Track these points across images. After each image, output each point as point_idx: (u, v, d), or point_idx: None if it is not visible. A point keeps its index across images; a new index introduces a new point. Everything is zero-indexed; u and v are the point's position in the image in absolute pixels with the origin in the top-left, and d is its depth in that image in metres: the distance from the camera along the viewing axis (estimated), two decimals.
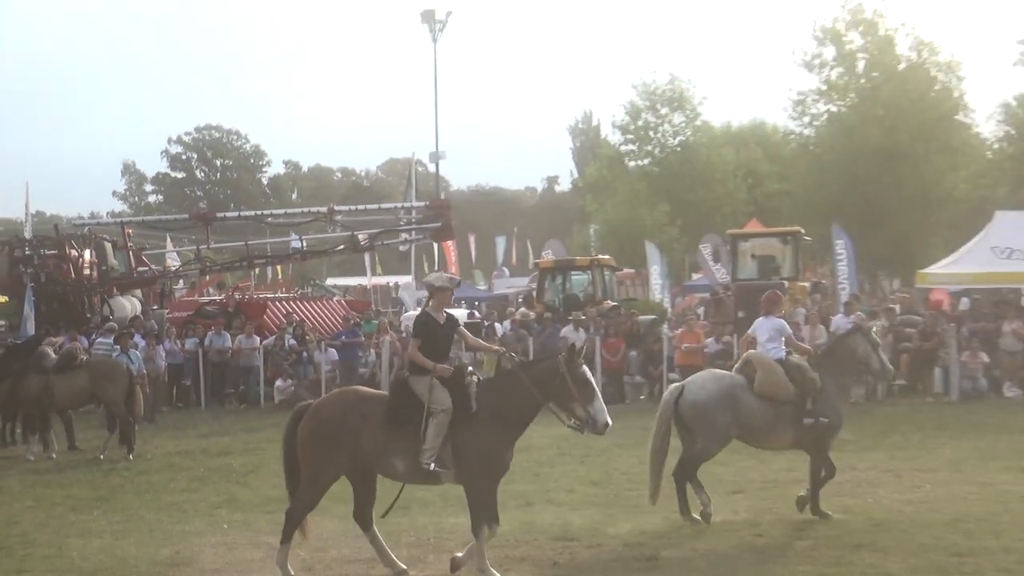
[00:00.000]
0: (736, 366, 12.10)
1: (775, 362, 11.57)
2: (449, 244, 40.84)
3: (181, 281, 34.31)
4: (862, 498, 11.92)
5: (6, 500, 14.02)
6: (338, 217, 30.43)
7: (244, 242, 30.85)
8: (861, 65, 43.44)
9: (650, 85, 50.62)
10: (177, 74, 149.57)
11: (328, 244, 31.66)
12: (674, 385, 12.08)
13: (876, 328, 13.74)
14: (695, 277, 44.90)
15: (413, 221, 31.89)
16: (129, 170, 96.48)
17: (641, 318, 24.99)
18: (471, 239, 59.99)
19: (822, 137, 44.59)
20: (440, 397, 9.18)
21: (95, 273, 28.40)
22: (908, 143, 40.77)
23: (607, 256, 32.15)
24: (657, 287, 34.37)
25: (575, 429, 9.33)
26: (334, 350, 24.77)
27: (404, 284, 46.09)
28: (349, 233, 30.21)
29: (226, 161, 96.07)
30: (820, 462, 11.43)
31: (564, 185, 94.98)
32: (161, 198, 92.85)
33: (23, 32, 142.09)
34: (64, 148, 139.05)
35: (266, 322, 26.60)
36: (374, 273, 49.27)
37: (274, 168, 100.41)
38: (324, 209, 30.70)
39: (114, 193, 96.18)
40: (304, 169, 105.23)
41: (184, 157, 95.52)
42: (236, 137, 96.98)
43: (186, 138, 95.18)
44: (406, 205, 34.60)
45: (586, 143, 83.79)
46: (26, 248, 28.45)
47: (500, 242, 63.29)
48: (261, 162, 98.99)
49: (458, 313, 18.06)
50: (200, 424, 21.66)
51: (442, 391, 9.20)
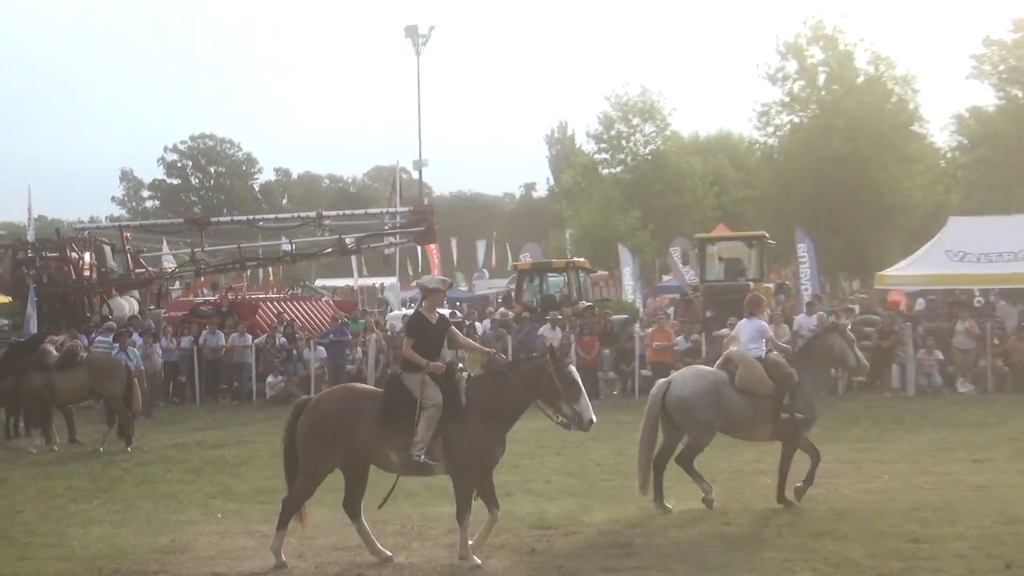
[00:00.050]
0: (718, 362, 12.11)
1: (755, 359, 11.60)
2: (432, 247, 40.78)
3: (177, 282, 34.22)
4: (824, 488, 11.92)
5: (9, 491, 13.94)
6: (326, 222, 30.52)
7: (237, 245, 30.68)
8: (822, 78, 43.47)
9: (622, 97, 50.88)
10: (173, 86, 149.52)
11: (317, 247, 31.57)
12: (661, 381, 12.05)
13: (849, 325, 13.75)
14: (665, 279, 44.94)
15: (398, 225, 31.95)
16: (127, 177, 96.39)
17: (614, 317, 25.00)
18: (453, 242, 60.14)
19: (785, 146, 44.61)
20: (431, 393, 9.18)
21: (95, 274, 28.23)
22: (867, 152, 40.83)
23: (582, 259, 32.08)
24: (629, 288, 34.35)
25: (562, 426, 9.34)
26: (323, 348, 24.65)
27: (389, 285, 46.04)
28: (337, 237, 30.21)
29: (219, 168, 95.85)
30: (792, 453, 11.48)
31: (541, 191, 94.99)
32: (158, 203, 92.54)
33: (23, 32, 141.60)
34: (64, 151, 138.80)
35: (258, 321, 26.53)
36: (360, 275, 49.07)
37: (265, 175, 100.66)
38: (313, 214, 30.79)
39: (113, 198, 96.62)
40: (294, 176, 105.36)
41: (180, 164, 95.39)
42: (229, 145, 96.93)
43: (181, 146, 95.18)
44: (391, 210, 34.66)
45: (561, 152, 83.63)
46: (29, 251, 28.35)
47: (480, 245, 63.20)
48: (253, 169, 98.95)
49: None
50: (195, 418, 21.59)
51: (433, 387, 9.20)
